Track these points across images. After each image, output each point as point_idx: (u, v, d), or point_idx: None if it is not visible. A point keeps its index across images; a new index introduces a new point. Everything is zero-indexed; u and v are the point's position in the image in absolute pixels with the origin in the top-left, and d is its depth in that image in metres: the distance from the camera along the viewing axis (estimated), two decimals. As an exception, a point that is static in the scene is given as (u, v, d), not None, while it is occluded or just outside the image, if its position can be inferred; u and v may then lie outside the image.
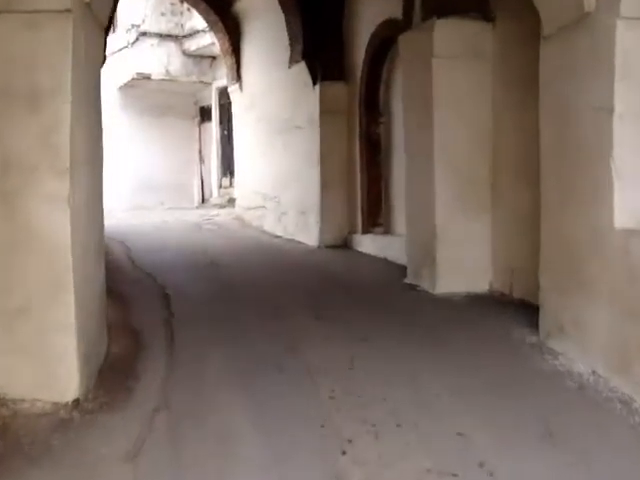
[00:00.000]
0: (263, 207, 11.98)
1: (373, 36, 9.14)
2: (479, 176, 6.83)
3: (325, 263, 8.83)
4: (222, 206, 19.71)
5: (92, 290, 4.30)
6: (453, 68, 6.70)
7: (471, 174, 6.82)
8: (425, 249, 6.97)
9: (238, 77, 12.93)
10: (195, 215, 15.24)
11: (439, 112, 6.71)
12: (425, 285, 6.94)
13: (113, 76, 21.90)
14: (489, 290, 6.85)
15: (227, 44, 12.92)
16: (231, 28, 12.77)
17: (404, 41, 7.34)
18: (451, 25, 6.64)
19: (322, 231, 10.08)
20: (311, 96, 10.16)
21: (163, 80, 21.01)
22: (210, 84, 21.43)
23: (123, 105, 21.83)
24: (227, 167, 19.21)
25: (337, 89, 10.03)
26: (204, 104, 22.74)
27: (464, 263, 6.82)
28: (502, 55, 6.60)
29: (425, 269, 6.99)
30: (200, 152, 23.29)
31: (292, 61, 10.74)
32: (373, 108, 9.55)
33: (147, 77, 20.67)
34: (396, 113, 9.30)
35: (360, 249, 9.66)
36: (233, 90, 13.32)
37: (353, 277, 7.87)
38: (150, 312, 5.99)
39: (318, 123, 10.02)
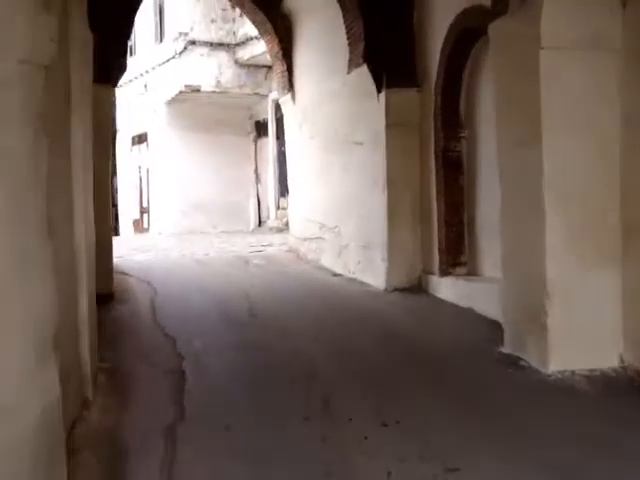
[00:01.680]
0: (320, 238, 10.41)
1: (452, 29, 7.50)
2: (605, 210, 5.14)
3: (392, 316, 7.20)
4: (279, 229, 18.27)
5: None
6: (569, 64, 5.04)
7: (594, 207, 5.13)
8: (531, 309, 5.28)
9: (290, 86, 11.43)
10: (245, 244, 13.75)
11: (549, 124, 5.05)
12: (531, 359, 5.25)
13: (160, 89, 20.75)
14: (620, 366, 5.13)
15: (276, 48, 11.44)
16: (281, 29, 11.28)
17: (497, 30, 5.68)
18: (566, 6, 4.97)
19: (390, 271, 8.44)
20: (375, 106, 8.57)
21: (214, 92, 19.73)
22: (266, 96, 20.07)
23: (171, 120, 20.67)
24: (285, 187, 17.63)
25: (407, 97, 8.41)
26: (260, 118, 21.40)
27: (585, 330, 5.13)
28: (637, 46, 4.91)
29: (531, 336, 5.29)
30: (256, 170, 21.93)
31: (352, 65, 9.18)
32: (452, 119, 7.90)
33: (196, 89, 19.43)
34: (482, 125, 7.64)
35: (437, 294, 7.99)
36: (284, 101, 11.82)
37: (429, 340, 6.21)
38: (152, 408, 4.45)
39: (384, 139, 8.41)
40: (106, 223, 7.93)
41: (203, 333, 6.41)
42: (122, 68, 8.22)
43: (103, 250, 7.80)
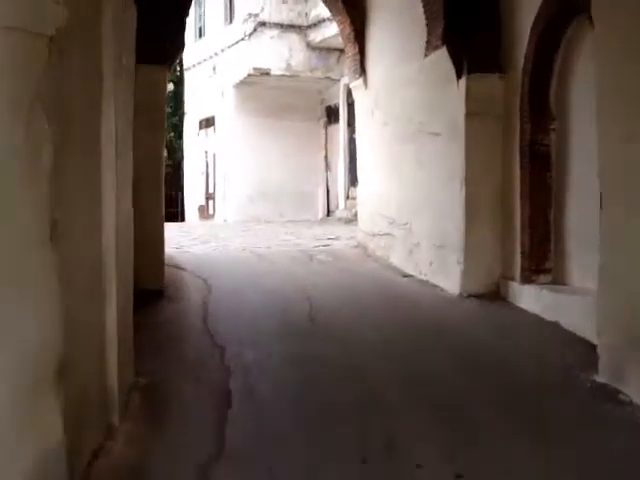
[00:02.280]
0: (390, 235, 9.72)
1: (546, 3, 6.70)
2: None
3: (469, 329, 6.48)
4: (348, 220, 17.63)
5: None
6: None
7: None
8: (634, 332, 4.53)
9: (362, 70, 10.73)
10: (311, 237, 13.15)
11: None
12: (634, 393, 4.50)
13: (228, 72, 20.30)
14: None
15: (348, 29, 10.75)
16: (353, 8, 10.58)
17: (603, 5, 4.89)
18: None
19: (466, 274, 7.71)
20: (454, 93, 7.83)
21: (284, 76, 19.21)
22: (337, 81, 19.42)
23: (239, 104, 20.24)
24: (356, 175, 17.03)
25: (490, 83, 7.64)
26: (331, 103, 20.78)
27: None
28: None
29: (634, 365, 4.54)
30: (326, 158, 21.34)
31: (429, 48, 8.44)
32: (541, 109, 7.10)
33: (266, 73, 18.92)
34: (576, 116, 6.84)
35: (517, 304, 7.23)
36: (356, 86, 11.13)
37: (512, 362, 5.47)
38: (188, 440, 3.87)
39: (463, 129, 7.66)
40: (157, 214, 7.44)
41: (256, 342, 5.83)
42: (179, 47, 7.66)
43: (153, 243, 7.34)
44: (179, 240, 12.29)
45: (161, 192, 7.48)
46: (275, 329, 6.27)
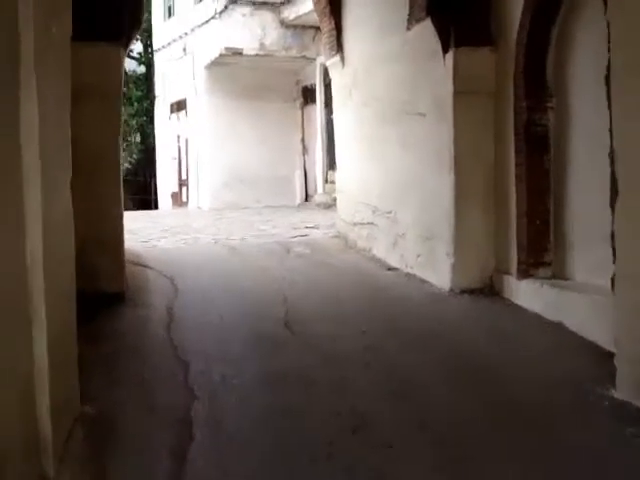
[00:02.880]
0: (372, 224, 9.07)
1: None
2: None
3: (463, 332, 5.86)
4: (327, 205, 16.98)
5: None
6: None
7: None
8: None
9: (339, 47, 10.04)
10: (288, 225, 12.47)
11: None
12: (661, 414, 3.90)
13: (198, 53, 19.49)
14: None
15: (323, 2, 10.04)
16: (329, -21, 9.87)
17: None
18: None
19: (456, 268, 7.09)
20: (440, 69, 7.18)
21: (257, 56, 18.42)
22: (314, 60, 18.67)
23: (211, 86, 19.48)
24: (334, 158, 16.37)
25: (480, 58, 7.00)
26: (307, 84, 20.03)
27: None
28: None
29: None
30: (303, 140, 20.64)
31: (412, 20, 7.78)
32: (537, 85, 6.46)
33: (238, 52, 18.14)
34: (577, 91, 6.22)
35: (515, 300, 6.63)
36: (332, 64, 10.44)
37: (515, 374, 4.84)
38: None
39: (451, 109, 7.01)
40: (115, 208, 6.73)
41: (225, 355, 5.17)
42: (135, 23, 6.93)
43: (111, 241, 6.69)
44: (149, 232, 11.60)
45: (118, 184, 6.77)
46: (247, 339, 5.61)
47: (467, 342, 5.57)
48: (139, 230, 11.97)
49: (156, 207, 23.56)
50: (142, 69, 28.40)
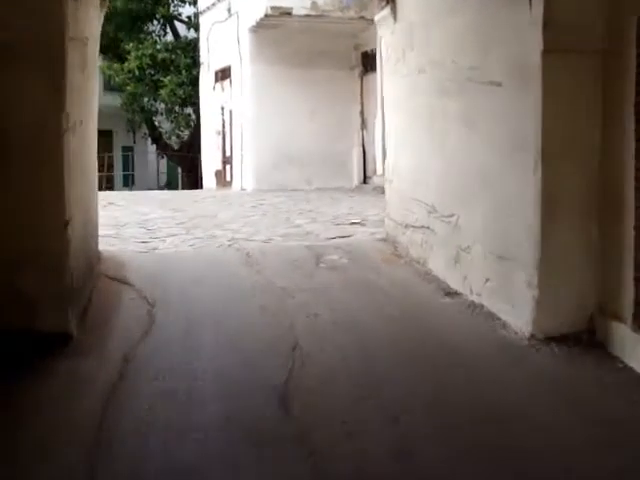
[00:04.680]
0: (428, 229, 7.01)
1: None
2: None
3: (548, 419, 3.85)
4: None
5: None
6: None
7: None
8: None
9: (390, -3, 7.92)
10: (330, 218, 10.49)
11: None
12: None
13: (243, 13, 17.51)
14: None
15: (371, -63, 7.94)
16: None
17: None
18: None
19: (540, 303, 5.03)
20: (522, 17, 5.10)
21: (309, 17, 16.29)
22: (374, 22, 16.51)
23: (257, 52, 17.47)
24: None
25: (581, 3, 4.87)
26: (367, 49, 17.86)
27: None
28: None
29: None
30: (362, 114, 18.49)
31: (485, -47, 5.66)
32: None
33: (287, 13, 16.08)
34: None
35: (629, 361, 4.55)
36: (382, 19, 8.37)
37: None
38: None
39: (538, 75, 4.92)
40: (56, 212, 4.87)
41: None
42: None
43: (50, 258, 4.88)
44: (159, 226, 9.81)
45: (60, 179, 4.85)
46: (210, 438, 3.69)
47: (558, 449, 3.55)
48: (151, 222, 10.20)
49: (201, 186, 21.85)
50: (193, 34, 26.65)
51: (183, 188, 28.48)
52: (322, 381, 4.41)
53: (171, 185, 35.21)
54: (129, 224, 10.04)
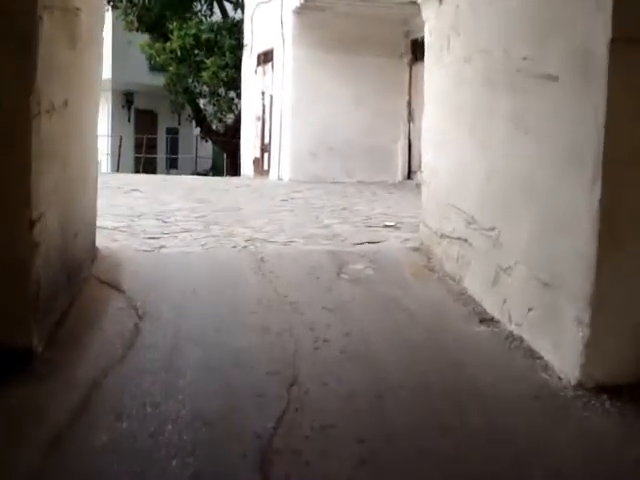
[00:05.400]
0: (465, 241, 6.19)
1: None
2: None
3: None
4: (431, 186, 14.06)
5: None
6: None
7: None
8: None
9: (437, -26, 7.07)
10: (363, 219, 9.72)
11: None
12: None
13: (286, -6, 16.77)
14: None
15: None
16: None
17: None
18: None
19: (592, 345, 4.19)
20: (586, 2, 4.23)
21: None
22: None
23: (300, 35, 16.71)
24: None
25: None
26: (418, 36, 16.96)
27: None
28: None
29: None
30: (409, 105, 17.62)
31: None
32: None
33: (332, -6, 15.31)
34: None
35: None
36: (426, 1, 7.53)
37: None
38: None
39: (604, 69, 4.08)
40: (19, 208, 4.16)
41: None
42: None
43: (10, 261, 4.20)
44: (176, 219, 9.12)
45: (26, 171, 4.15)
46: None
47: None
48: (169, 214, 9.52)
49: (239, 174, 21.21)
50: (239, 15, 25.96)
51: (227, 174, 27.97)
52: (318, 432, 3.65)
53: (216, 170, 34.80)
54: (145, 215, 9.37)
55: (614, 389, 4.14)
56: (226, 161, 31.25)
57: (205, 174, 30.89)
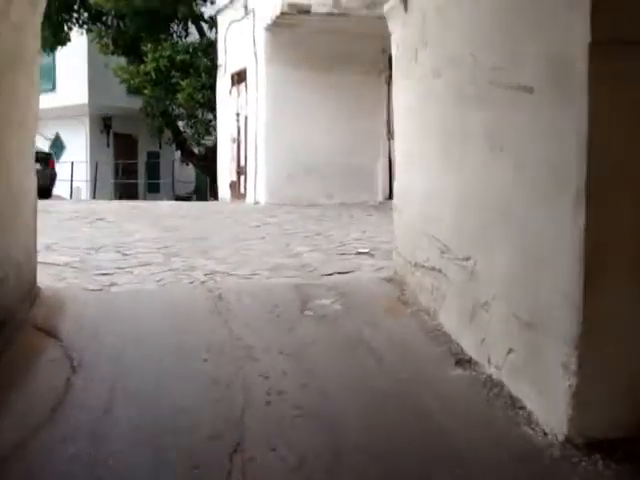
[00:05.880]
0: (439, 272, 5.65)
1: None
2: None
3: None
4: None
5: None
6: None
7: None
8: None
9: (403, -18, 6.58)
10: (337, 245, 9.18)
11: None
12: None
13: (259, 11, 16.29)
14: None
15: None
16: None
17: None
18: None
19: (580, 395, 3.65)
20: (561, 2, 3.74)
21: (331, 15, 15.00)
22: (404, 21, 15.19)
23: (273, 53, 16.21)
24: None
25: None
26: (395, 51, 16.56)
27: None
28: None
29: None
30: (389, 123, 17.11)
31: None
32: None
33: (305, 11, 14.82)
34: None
35: None
36: (391, 10, 7.06)
37: None
38: None
39: (584, 78, 3.55)
40: None
41: None
42: None
43: None
44: (136, 251, 8.57)
45: None
46: None
47: None
48: (131, 246, 8.97)
49: (216, 198, 20.67)
50: (215, 35, 25.53)
51: (210, 197, 27.52)
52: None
53: (200, 193, 34.37)
54: (105, 247, 8.81)
55: (607, 445, 3.59)
56: (209, 184, 30.76)
57: (188, 198, 30.40)
